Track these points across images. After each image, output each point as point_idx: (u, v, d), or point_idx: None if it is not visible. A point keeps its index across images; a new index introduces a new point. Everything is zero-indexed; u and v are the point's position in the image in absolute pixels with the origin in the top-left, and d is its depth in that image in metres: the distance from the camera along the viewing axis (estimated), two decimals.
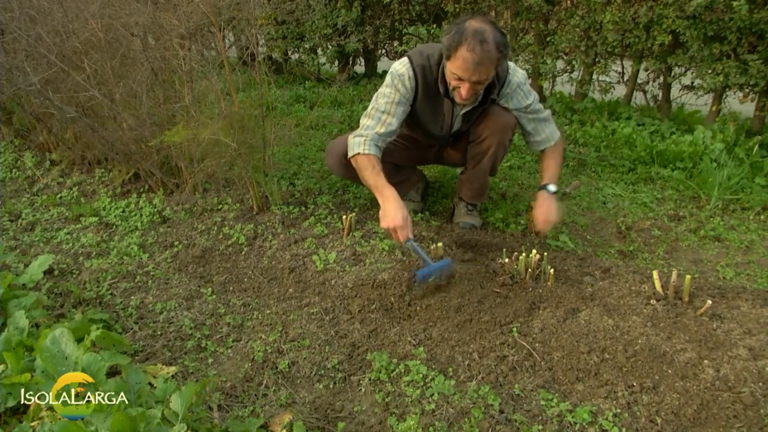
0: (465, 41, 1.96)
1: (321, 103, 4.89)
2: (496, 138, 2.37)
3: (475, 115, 2.38)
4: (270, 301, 2.13)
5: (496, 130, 2.35)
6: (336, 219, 2.59)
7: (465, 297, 1.98)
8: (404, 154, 2.67)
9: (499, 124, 2.34)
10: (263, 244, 2.46)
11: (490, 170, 2.52)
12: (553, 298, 1.96)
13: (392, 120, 2.29)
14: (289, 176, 3.20)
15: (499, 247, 2.35)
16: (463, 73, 2.02)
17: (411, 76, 2.27)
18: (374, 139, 2.27)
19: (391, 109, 2.30)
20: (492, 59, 1.98)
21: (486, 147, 2.41)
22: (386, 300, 2.02)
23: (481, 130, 2.40)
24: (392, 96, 2.29)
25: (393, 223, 2.06)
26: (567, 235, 2.61)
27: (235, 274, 2.32)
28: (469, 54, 1.96)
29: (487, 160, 2.46)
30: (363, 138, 2.27)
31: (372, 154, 2.25)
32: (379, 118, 2.29)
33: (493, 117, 2.34)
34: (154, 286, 2.24)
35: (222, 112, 2.47)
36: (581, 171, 3.49)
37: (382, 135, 2.29)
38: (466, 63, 1.98)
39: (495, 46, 1.96)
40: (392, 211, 2.08)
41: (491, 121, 2.35)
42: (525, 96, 2.32)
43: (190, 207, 2.81)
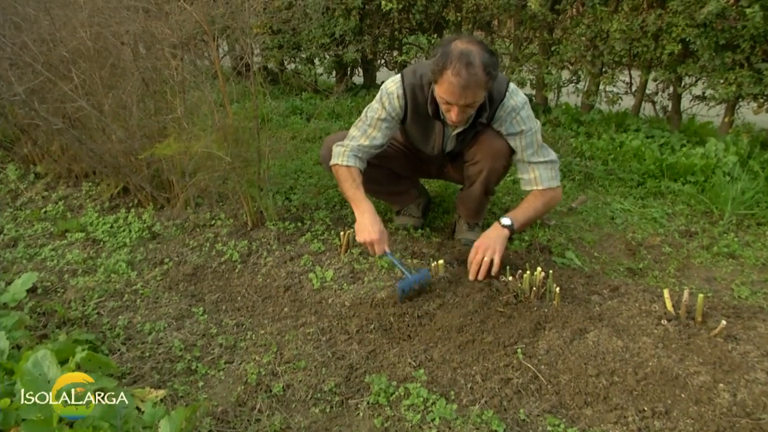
0: (450, 65, 1.97)
1: (318, 115, 4.92)
2: (488, 163, 2.35)
3: (468, 136, 2.38)
4: (264, 320, 2.12)
5: (487, 156, 2.34)
6: (333, 235, 2.60)
7: (467, 317, 1.98)
8: (404, 163, 2.68)
9: (491, 149, 2.32)
10: (258, 262, 2.46)
11: (484, 192, 2.51)
12: (560, 317, 1.96)
13: (377, 134, 2.36)
14: (284, 191, 3.21)
15: (502, 264, 2.35)
16: (450, 97, 2.04)
17: (400, 95, 2.30)
18: (354, 150, 2.35)
19: (376, 124, 2.35)
20: (479, 82, 1.98)
21: (478, 171, 2.41)
22: (385, 319, 2.02)
23: (473, 153, 2.40)
24: (378, 112, 2.34)
25: (369, 237, 2.19)
26: (573, 252, 2.62)
27: (228, 292, 2.31)
28: (455, 78, 1.96)
29: (479, 184, 2.45)
30: (344, 149, 2.36)
31: (352, 166, 2.34)
32: (365, 130, 2.37)
33: (485, 142, 2.33)
34: (142, 305, 2.23)
35: (215, 125, 2.49)
36: (588, 185, 3.50)
37: (365, 147, 2.36)
38: (452, 87, 1.99)
39: (482, 68, 1.96)
40: (368, 225, 2.21)
41: (483, 146, 2.34)
42: (520, 122, 2.24)
43: (181, 222, 2.81)
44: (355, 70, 6.08)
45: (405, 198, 2.84)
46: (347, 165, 2.34)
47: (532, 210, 2.28)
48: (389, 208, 3.01)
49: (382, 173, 2.66)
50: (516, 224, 2.23)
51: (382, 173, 2.66)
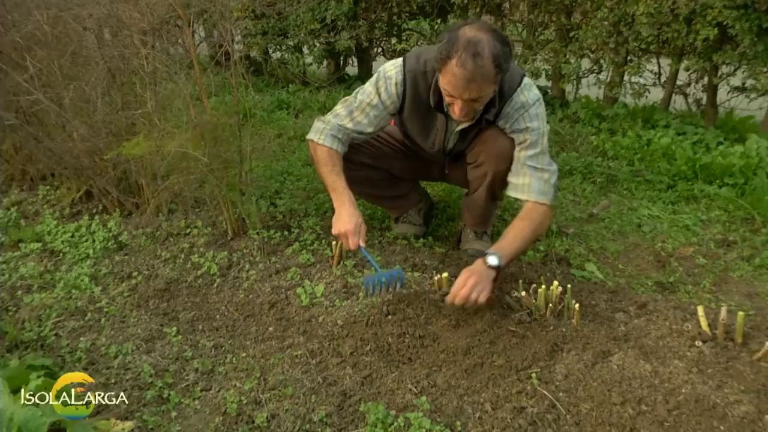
0: (455, 54, 1.96)
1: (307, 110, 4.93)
2: (492, 166, 2.36)
3: (471, 133, 2.39)
4: (246, 342, 2.12)
5: (492, 158, 2.35)
6: (324, 245, 2.60)
7: (475, 337, 1.98)
8: (403, 164, 2.69)
9: (495, 150, 2.33)
10: (239, 275, 2.47)
11: (489, 198, 2.51)
12: (579, 338, 1.96)
13: (362, 120, 2.38)
14: (269, 195, 3.21)
15: (514, 277, 2.36)
16: (453, 90, 2.04)
17: (399, 82, 2.31)
18: (335, 129, 2.37)
19: (364, 109, 2.37)
20: (486, 76, 1.98)
21: (482, 174, 2.42)
22: (383, 340, 2.02)
23: (476, 153, 2.41)
24: (371, 97, 2.36)
25: (344, 228, 2.22)
26: (595, 264, 2.62)
27: (205, 310, 2.31)
28: (459, 69, 1.96)
29: (484, 189, 2.46)
30: (324, 125, 2.38)
31: (333, 149, 2.35)
32: (350, 112, 2.39)
33: (489, 142, 2.34)
34: (107, 325, 2.23)
35: (191, 121, 2.49)
36: (611, 188, 3.51)
37: (347, 130, 2.38)
38: (456, 79, 1.99)
39: (491, 60, 1.96)
40: (346, 216, 2.24)
41: (487, 147, 2.35)
42: (526, 118, 2.25)
43: (152, 231, 2.82)
44: (348, 59, 6.10)
45: (404, 203, 2.85)
46: (328, 146, 2.35)
47: (520, 240, 2.18)
48: (387, 215, 3.02)
49: (379, 175, 2.66)
50: (503, 261, 2.10)
51: (379, 175, 2.66)
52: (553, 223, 2.93)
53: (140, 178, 2.88)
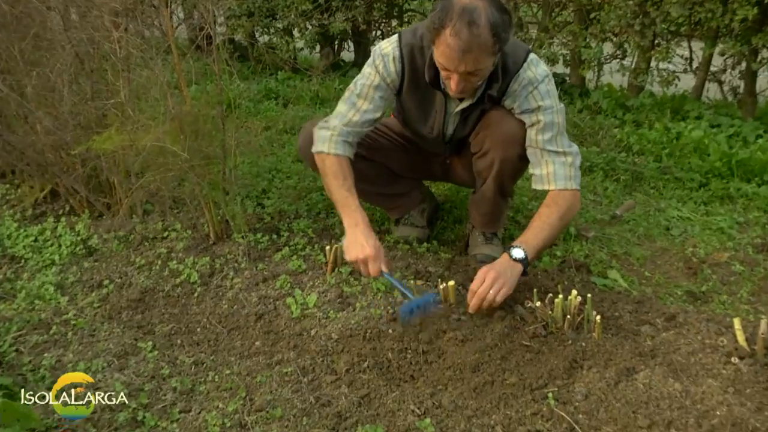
0: (449, 22, 1.98)
1: (298, 100, 4.94)
2: (499, 152, 2.36)
3: (474, 115, 2.40)
4: (230, 357, 2.13)
5: (498, 143, 2.35)
6: (317, 251, 2.61)
7: (485, 352, 1.99)
8: (403, 159, 2.70)
9: (501, 134, 2.33)
10: (222, 284, 2.47)
11: (498, 192, 2.51)
12: (601, 354, 1.97)
13: (368, 106, 2.38)
14: (256, 195, 3.22)
15: (528, 286, 2.36)
16: (448, 62, 2.05)
17: (396, 57, 2.33)
18: (343, 133, 2.36)
19: (367, 93, 2.38)
20: (483, 45, 1.99)
21: (488, 163, 2.42)
22: (382, 356, 2.03)
23: (481, 140, 2.41)
24: (371, 78, 2.37)
25: (363, 254, 2.19)
26: (618, 272, 2.63)
27: (184, 322, 2.32)
28: (453, 39, 1.97)
29: (492, 182, 2.46)
30: (330, 132, 2.36)
31: (342, 155, 2.35)
32: (353, 103, 2.39)
33: (495, 125, 2.34)
34: (75, 339, 2.23)
35: (169, 112, 2.49)
36: (636, 187, 3.52)
37: (355, 125, 2.38)
38: (450, 50, 2.00)
39: (489, 28, 1.97)
40: (362, 239, 2.21)
41: (492, 130, 2.35)
42: (536, 97, 2.26)
43: (125, 235, 2.82)
44: (343, 43, 6.11)
45: (405, 202, 2.86)
46: (336, 154, 2.34)
47: (548, 228, 2.22)
48: (386, 217, 3.02)
49: (375, 170, 2.67)
50: (530, 253, 2.16)
51: (375, 170, 2.67)
52: (571, 225, 2.94)
53: (112, 176, 2.88)
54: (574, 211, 2.33)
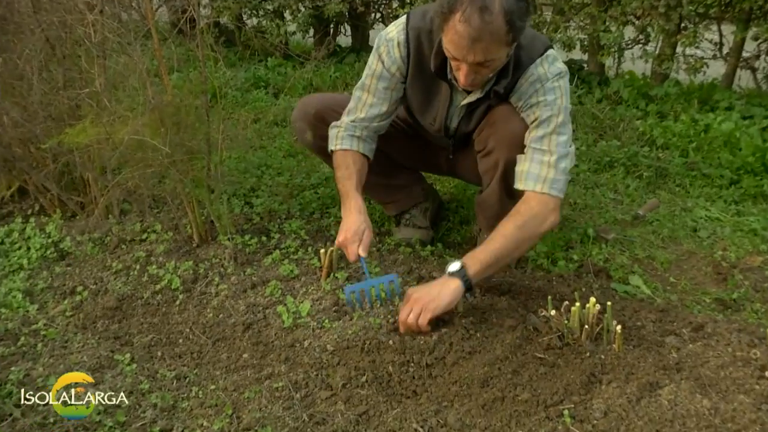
0: (459, 7, 1.97)
1: (290, 89, 4.94)
2: (504, 153, 2.34)
3: (479, 110, 2.40)
4: (216, 371, 2.13)
5: (503, 143, 2.34)
6: (311, 254, 2.61)
7: (494, 365, 1.99)
8: (406, 146, 2.71)
9: (507, 134, 2.32)
10: (207, 290, 2.47)
11: (505, 194, 2.48)
12: (622, 367, 1.97)
13: (372, 100, 2.43)
14: (244, 193, 3.22)
15: (542, 293, 2.36)
16: (457, 51, 2.05)
17: (401, 41, 2.34)
18: (350, 128, 2.45)
19: (370, 85, 2.42)
20: (496, 34, 1.98)
21: (492, 163, 2.42)
22: (382, 369, 2.03)
23: (485, 138, 2.42)
24: (373, 67, 2.41)
25: (341, 237, 2.30)
26: (641, 277, 2.63)
27: (165, 333, 2.32)
28: (463, 26, 1.96)
29: (497, 182, 2.44)
30: (338, 129, 2.46)
31: (348, 149, 2.43)
32: (359, 97, 2.46)
33: (500, 123, 2.34)
34: (45, 351, 2.23)
35: (148, 102, 2.49)
36: (661, 184, 3.52)
37: (363, 121, 2.44)
38: (460, 38, 2.00)
39: (502, 15, 1.95)
40: (348, 223, 2.31)
41: (497, 129, 2.35)
42: (540, 92, 2.25)
43: (100, 237, 2.82)
44: (340, 27, 6.10)
45: (404, 197, 2.86)
46: (342, 149, 2.43)
47: (500, 239, 2.16)
48: (387, 217, 3.02)
49: (376, 158, 2.66)
50: (472, 267, 2.11)
51: (376, 158, 2.66)
52: (590, 226, 2.94)
53: (86, 172, 2.88)
54: (545, 223, 2.20)
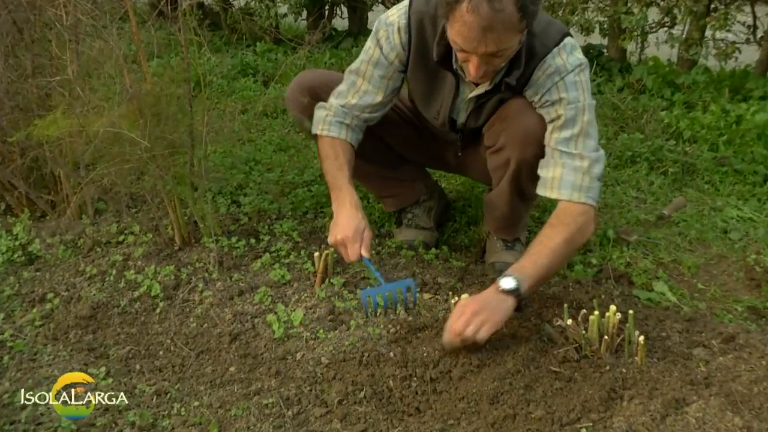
0: None
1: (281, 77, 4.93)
2: (516, 151, 2.35)
3: (490, 103, 2.39)
4: (199, 387, 2.13)
5: (515, 140, 2.34)
6: (304, 258, 2.61)
7: (505, 380, 1.99)
8: (411, 138, 2.71)
9: (519, 130, 2.32)
10: (190, 298, 2.47)
11: (516, 194, 2.50)
12: (645, 382, 1.96)
13: (367, 87, 2.44)
14: (230, 191, 3.22)
15: (558, 300, 2.36)
16: (466, 43, 2.04)
17: (402, 27, 2.34)
18: (339, 113, 2.45)
19: (365, 71, 2.43)
20: (508, 22, 1.97)
21: (503, 161, 2.42)
22: (382, 384, 2.03)
23: (496, 134, 2.41)
24: (371, 52, 2.42)
25: (341, 234, 2.30)
26: (666, 283, 2.62)
27: (144, 344, 2.32)
28: (471, 16, 1.95)
29: (507, 183, 2.45)
30: (326, 112, 2.47)
31: (336, 137, 2.44)
32: (353, 82, 2.46)
33: (512, 119, 2.34)
34: (12, 364, 2.23)
35: (126, 91, 2.49)
36: (688, 181, 3.52)
37: (354, 108, 2.45)
38: (468, 29, 1.98)
39: (513, 1, 1.95)
40: (344, 219, 2.31)
41: (508, 125, 2.35)
42: (561, 88, 2.24)
43: (73, 239, 2.82)
44: (336, 9, 6.11)
45: (405, 193, 2.85)
46: (330, 136, 2.44)
47: (549, 254, 2.18)
48: (387, 217, 3.02)
49: (374, 144, 2.68)
50: (525, 284, 2.12)
51: (374, 144, 2.68)
52: (610, 227, 2.94)
53: (57, 168, 2.88)
54: (587, 234, 2.27)
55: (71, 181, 2.89)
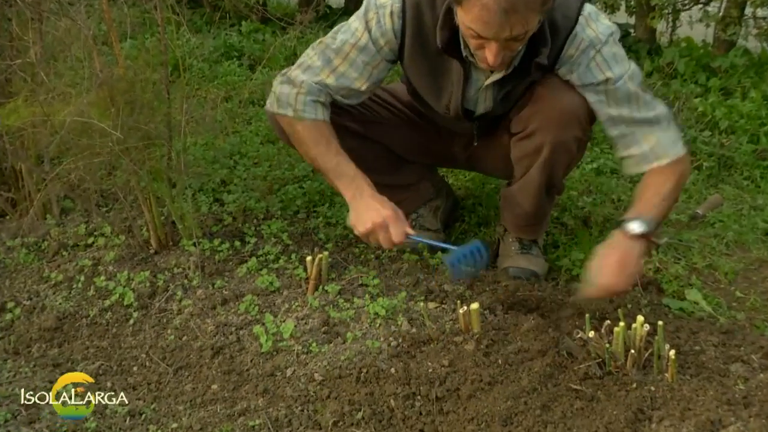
0: None
1: (269, 61, 4.94)
2: (551, 134, 2.36)
3: (517, 88, 2.39)
4: (178, 406, 2.13)
5: (551, 121, 2.35)
6: (295, 262, 2.61)
7: (520, 399, 1.98)
8: (411, 138, 2.70)
9: (555, 110, 2.33)
10: (167, 307, 2.47)
11: (545, 185, 2.50)
12: (676, 401, 1.96)
13: (348, 71, 2.39)
14: (213, 187, 3.21)
15: (579, 310, 2.36)
16: (485, 29, 2.04)
17: (396, 11, 2.31)
18: (313, 91, 2.39)
19: (348, 53, 2.38)
20: (531, 2, 1.99)
21: (534, 147, 2.42)
22: (382, 404, 2.03)
23: (526, 117, 2.41)
24: (357, 35, 2.37)
25: (380, 217, 2.29)
26: (700, 291, 2.62)
27: (116, 359, 2.32)
28: None
29: (538, 170, 2.45)
30: (294, 88, 2.39)
31: (320, 119, 2.41)
32: (328, 60, 2.40)
33: (546, 98, 2.35)
34: None
35: (95, 76, 2.50)
36: (724, 177, 3.51)
37: (329, 89, 2.41)
38: (488, 13, 1.98)
39: None
40: (374, 203, 2.32)
41: (542, 105, 2.36)
42: (602, 65, 2.29)
43: (36, 242, 2.82)
44: None
45: (411, 197, 2.85)
46: (312, 118, 2.40)
47: (664, 201, 2.31)
48: None
49: (373, 152, 2.68)
50: (652, 225, 2.25)
51: (373, 152, 2.68)
52: None
53: (18, 162, 2.88)
54: (687, 177, 2.50)
55: (34, 177, 2.89)
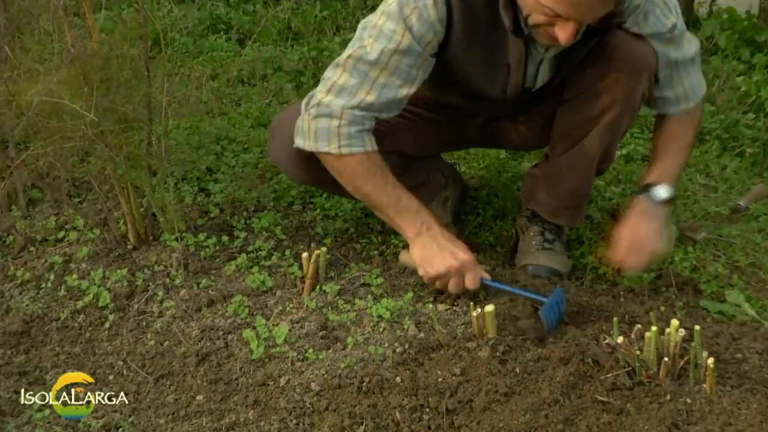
0: None
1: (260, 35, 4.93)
2: (621, 90, 2.39)
3: (577, 56, 2.40)
4: (159, 419, 2.13)
5: (622, 76, 2.37)
6: (289, 259, 2.62)
7: (540, 412, 1.99)
8: (422, 135, 2.70)
9: (627, 62, 2.36)
10: (147, 309, 2.48)
11: (602, 154, 2.54)
12: (715, 415, 1.96)
13: (389, 79, 2.30)
14: (198, 176, 3.21)
15: (606, 313, 2.36)
16: (569, 10, 2.04)
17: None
18: (356, 120, 2.31)
19: (389, 61, 2.28)
20: None
21: (601, 108, 2.43)
22: (386, 416, 2.03)
23: (592, 77, 2.42)
24: (397, 37, 2.26)
25: (456, 261, 2.30)
26: (742, 293, 2.62)
27: (90, 366, 2.32)
28: None
29: (599, 136, 2.47)
30: (332, 120, 2.30)
31: (370, 150, 2.34)
32: (365, 75, 2.30)
33: (617, 52, 2.36)
34: None
35: (67, 52, 2.50)
36: None
37: (370, 108, 2.32)
38: None
39: None
40: (447, 244, 2.34)
41: (612, 61, 2.36)
42: (666, 11, 2.38)
43: (0, 236, 2.83)
44: None
45: (423, 194, 2.82)
46: (362, 152, 2.33)
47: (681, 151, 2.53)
48: None
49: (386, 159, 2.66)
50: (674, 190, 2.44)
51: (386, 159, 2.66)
52: (672, 222, 2.93)
53: None
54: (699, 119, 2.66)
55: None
